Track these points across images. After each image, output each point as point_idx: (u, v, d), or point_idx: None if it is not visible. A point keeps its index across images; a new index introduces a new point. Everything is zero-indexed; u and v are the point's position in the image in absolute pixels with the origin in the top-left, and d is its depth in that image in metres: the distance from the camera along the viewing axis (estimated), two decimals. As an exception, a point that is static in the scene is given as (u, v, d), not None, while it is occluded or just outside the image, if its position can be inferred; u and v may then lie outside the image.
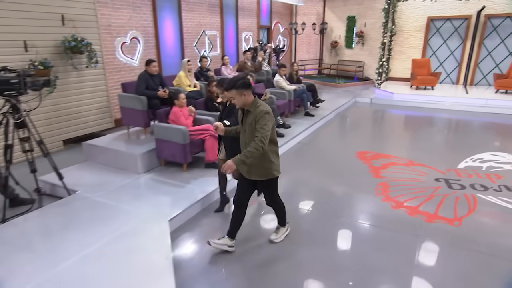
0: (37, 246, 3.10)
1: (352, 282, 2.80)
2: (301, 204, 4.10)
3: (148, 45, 7.78)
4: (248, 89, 2.75)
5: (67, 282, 2.60)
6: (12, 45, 5.04)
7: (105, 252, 2.94)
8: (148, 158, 4.61)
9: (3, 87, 3.40)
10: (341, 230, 3.60)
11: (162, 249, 2.99)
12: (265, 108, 2.77)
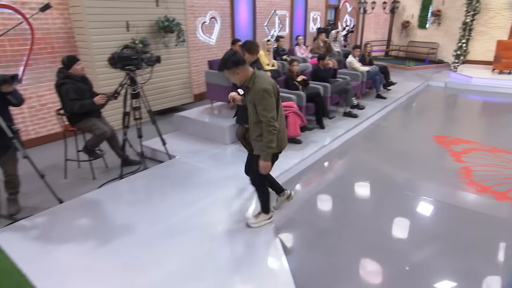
0: (147, 201, 3.65)
1: (450, 261, 2.95)
2: (381, 183, 4.25)
3: (224, 25, 8.17)
4: (240, 65, 2.58)
5: (174, 233, 3.08)
6: (116, 25, 5.68)
7: (205, 211, 3.40)
8: (233, 130, 5.02)
9: (125, 63, 3.94)
10: (424, 208, 3.71)
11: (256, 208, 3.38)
12: (262, 85, 2.55)
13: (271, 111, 2.56)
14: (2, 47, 4.84)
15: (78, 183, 4.21)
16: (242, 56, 2.69)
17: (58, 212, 3.38)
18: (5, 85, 3.02)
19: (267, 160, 2.69)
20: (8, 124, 3.14)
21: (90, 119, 4.07)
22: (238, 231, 3.08)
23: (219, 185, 3.88)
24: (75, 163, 4.51)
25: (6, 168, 3.38)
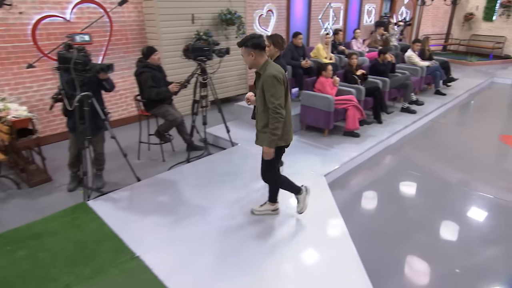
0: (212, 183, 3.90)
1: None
2: (439, 181, 4.18)
3: (279, 18, 8.27)
4: (258, 49, 2.58)
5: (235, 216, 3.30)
6: (183, 18, 6.01)
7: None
8: (293, 121, 5.15)
9: (198, 53, 4.22)
10: (487, 209, 3.62)
11: (324, 196, 3.50)
12: (273, 72, 2.55)
13: (278, 98, 2.56)
14: (85, 38, 5.35)
15: (149, 164, 4.60)
16: (264, 42, 2.65)
17: (138, 188, 3.75)
18: (102, 73, 3.39)
19: (271, 146, 2.68)
20: (101, 107, 3.54)
21: (164, 106, 4.41)
22: (298, 219, 3.24)
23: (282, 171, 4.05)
24: (146, 145, 4.91)
25: (96, 146, 3.81)
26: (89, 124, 3.43)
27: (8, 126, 3.75)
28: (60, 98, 3.50)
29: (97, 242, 2.82)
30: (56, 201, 3.71)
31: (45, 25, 4.94)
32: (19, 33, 4.76)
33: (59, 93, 3.47)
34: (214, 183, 3.85)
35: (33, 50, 4.92)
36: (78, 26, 5.23)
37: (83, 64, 3.29)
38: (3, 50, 4.69)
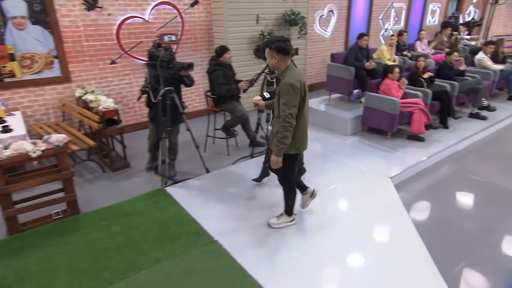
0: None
1: None
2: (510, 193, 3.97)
3: (340, 18, 8.23)
4: (281, 53, 2.52)
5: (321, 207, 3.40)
6: (248, 18, 6.24)
7: (342, 192, 3.66)
8: (354, 122, 5.18)
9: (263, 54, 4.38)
10: None
11: (391, 199, 3.51)
12: (290, 80, 2.47)
13: (291, 108, 2.48)
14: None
15: (214, 157, 4.87)
16: (290, 47, 2.57)
17: (208, 178, 4.02)
18: (183, 70, 3.69)
19: (279, 155, 2.61)
20: (180, 101, 3.84)
21: (232, 102, 4.65)
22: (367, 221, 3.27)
23: (345, 171, 4.11)
24: (211, 139, 5.20)
25: (171, 137, 4.13)
26: (169, 117, 3.74)
27: (98, 115, 4.20)
28: (146, 91, 3.86)
29: (178, 224, 3.10)
30: (135, 185, 4.10)
31: (128, 25, 5.42)
32: (106, 33, 5.27)
33: (146, 86, 3.83)
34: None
35: (116, 48, 5.42)
36: (154, 26, 5.67)
37: (168, 61, 3.60)
38: (92, 48, 5.23)
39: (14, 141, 3.03)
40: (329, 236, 2.98)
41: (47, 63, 4.90)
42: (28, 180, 3.10)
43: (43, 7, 4.67)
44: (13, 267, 2.60)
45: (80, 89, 5.00)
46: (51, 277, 2.50)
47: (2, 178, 2.92)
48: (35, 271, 2.56)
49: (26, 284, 2.44)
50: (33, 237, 2.95)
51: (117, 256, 2.71)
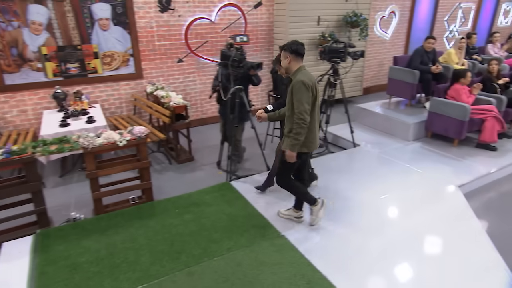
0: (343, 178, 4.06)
1: None
2: None
3: (401, 19, 7.98)
4: (294, 54, 2.68)
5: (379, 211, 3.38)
6: (309, 20, 6.29)
7: (405, 197, 3.60)
8: (417, 128, 5.03)
9: (333, 55, 4.42)
10: None
11: (463, 209, 3.39)
12: (303, 78, 2.61)
13: (303, 104, 2.59)
14: (224, 37, 6.02)
15: (273, 155, 4.98)
16: (303, 49, 2.73)
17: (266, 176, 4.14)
18: (252, 70, 3.85)
19: (293, 150, 2.71)
20: (247, 100, 4.01)
21: (294, 103, 4.73)
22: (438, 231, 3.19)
23: (408, 176, 4.02)
24: (269, 137, 5.33)
25: (236, 134, 4.31)
26: (236, 114, 3.92)
27: (169, 110, 4.51)
28: (218, 89, 4.08)
29: (245, 217, 3.25)
30: (199, 178, 4.35)
31: (195, 25, 5.72)
32: (176, 33, 5.62)
33: (217, 84, 4.05)
34: (340, 179, 4.02)
35: (183, 47, 5.76)
36: (219, 27, 5.93)
37: (239, 61, 3.78)
38: (163, 47, 5.60)
39: (104, 131, 3.37)
40: (396, 240, 2.96)
41: (124, 60, 5.34)
42: (114, 167, 3.43)
43: (124, 10, 5.10)
44: (103, 242, 2.91)
45: (151, 85, 5.38)
46: (136, 255, 2.76)
47: (93, 163, 3.27)
48: (122, 248, 2.84)
49: (116, 259, 2.72)
50: (117, 218, 3.26)
51: (191, 241, 2.92)
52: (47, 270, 2.60)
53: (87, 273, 2.58)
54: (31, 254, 2.79)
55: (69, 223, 3.24)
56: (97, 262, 2.69)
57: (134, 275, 2.56)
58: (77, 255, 2.77)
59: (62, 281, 2.50)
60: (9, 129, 4.86)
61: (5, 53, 4.55)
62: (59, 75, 4.96)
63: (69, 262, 2.69)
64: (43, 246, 2.87)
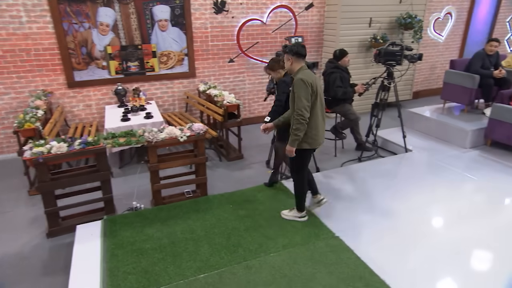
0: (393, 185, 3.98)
1: None
2: None
3: (458, 21, 7.63)
4: (295, 56, 2.86)
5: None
6: (361, 21, 6.20)
7: (460, 207, 3.46)
8: (476, 135, 4.81)
9: (388, 58, 4.35)
10: None
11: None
12: (303, 76, 2.77)
13: (302, 101, 2.74)
14: (274, 39, 6.12)
15: (321, 157, 4.99)
16: (304, 50, 2.90)
17: (319, 177, 4.16)
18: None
19: (292, 146, 2.88)
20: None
21: (346, 105, 4.72)
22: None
23: (465, 185, 3.86)
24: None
25: None
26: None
27: (222, 109, 4.66)
28: (272, 91, 4.17)
29: (298, 216, 3.30)
30: (249, 176, 4.46)
31: (247, 27, 5.86)
32: (228, 34, 5.79)
33: (272, 87, 4.14)
34: (390, 184, 3.95)
35: (235, 48, 5.91)
36: (270, 28, 6.02)
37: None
38: (215, 47, 5.79)
39: (166, 126, 3.57)
40: (444, 252, 2.87)
41: (179, 60, 5.59)
42: (174, 161, 3.63)
43: (182, 11, 5.35)
44: (165, 232, 3.10)
45: (203, 84, 5.59)
46: (195, 245, 2.91)
47: (155, 157, 3.48)
48: (182, 238, 3.01)
49: (177, 248, 2.89)
50: (175, 210, 3.45)
51: (247, 236, 3.02)
52: (117, 253, 2.82)
53: (152, 259, 2.76)
54: (101, 237, 3.03)
55: (132, 212, 3.47)
56: (161, 249, 2.87)
57: (195, 264, 2.70)
58: (142, 241, 2.97)
59: (131, 264, 2.70)
60: (75, 121, 5.28)
61: (76, 52, 4.95)
62: (120, 72, 5.30)
63: (135, 247, 2.89)
64: (111, 231, 3.10)
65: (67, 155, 3.09)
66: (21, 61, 4.74)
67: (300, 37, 4.01)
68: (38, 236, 3.31)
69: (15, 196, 4.05)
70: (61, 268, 2.89)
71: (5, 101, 4.83)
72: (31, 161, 2.95)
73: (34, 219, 3.59)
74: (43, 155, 2.98)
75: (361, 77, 6.22)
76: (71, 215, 3.47)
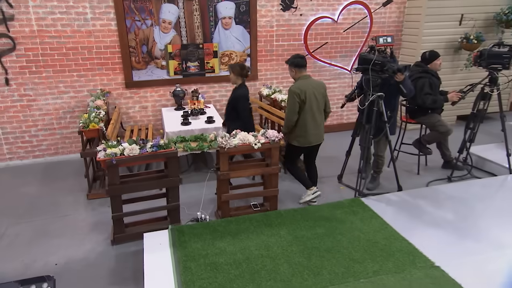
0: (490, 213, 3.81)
1: None
2: None
3: None
4: (297, 67, 3.83)
5: None
6: (449, 18, 6.09)
7: None
8: None
9: (492, 61, 4.22)
10: None
11: None
12: (293, 87, 3.78)
13: (289, 110, 3.80)
14: (346, 39, 6.18)
15: (403, 174, 4.87)
16: (303, 62, 3.84)
17: (404, 196, 4.12)
18: (399, 73, 3.86)
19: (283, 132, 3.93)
20: (388, 111, 4.02)
21: (435, 115, 4.62)
22: None
23: None
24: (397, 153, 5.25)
25: (378, 149, 4.33)
26: (373, 124, 3.98)
27: (291, 115, 4.76)
28: (353, 98, 4.22)
29: (387, 239, 3.28)
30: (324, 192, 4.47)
31: (316, 25, 5.99)
32: (295, 33, 5.95)
33: (353, 93, 4.18)
34: (486, 211, 3.78)
35: (301, 48, 6.06)
36: (341, 27, 6.10)
37: (381, 65, 3.85)
38: (280, 48, 5.98)
39: (239, 132, 3.74)
40: None
41: (241, 61, 5.83)
42: (245, 170, 3.77)
43: (247, 8, 5.60)
44: (237, 246, 3.22)
45: (266, 87, 5.77)
46: (273, 263, 2.99)
47: (227, 164, 3.64)
48: (257, 255, 3.10)
49: (254, 264, 2.98)
50: (245, 223, 3.57)
51: (330, 258, 3.05)
52: (190, 266, 2.97)
53: (229, 275, 2.87)
54: (171, 247, 3.21)
55: (200, 223, 3.64)
56: (236, 265, 2.98)
57: (276, 284, 2.78)
58: (215, 255, 3.11)
59: (206, 279, 2.83)
60: (130, 124, 5.67)
61: (136, 50, 5.35)
62: (179, 73, 5.63)
63: (208, 261, 3.03)
64: (180, 242, 3.28)
65: (138, 157, 3.33)
66: (83, 59, 5.22)
67: (390, 36, 4.01)
68: (102, 242, 3.58)
69: (73, 199, 4.41)
70: (129, 277, 3.10)
71: (64, 100, 5.32)
72: (104, 163, 3.23)
73: (95, 224, 3.88)
74: (116, 157, 3.24)
75: (447, 83, 6.06)
76: (134, 223, 3.71)
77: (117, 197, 3.40)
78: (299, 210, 3.81)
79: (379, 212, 3.71)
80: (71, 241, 3.63)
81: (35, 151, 5.44)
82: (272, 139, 3.69)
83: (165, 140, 3.48)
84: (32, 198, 4.46)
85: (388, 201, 3.98)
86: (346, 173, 4.73)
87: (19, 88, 5.12)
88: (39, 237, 3.68)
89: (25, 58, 5.02)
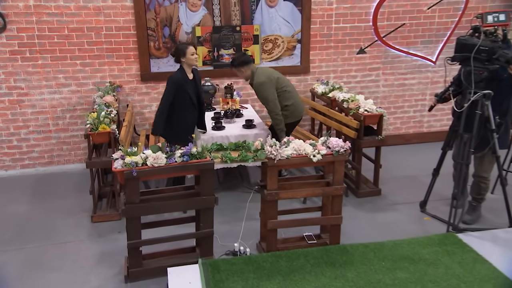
0: None
1: None
2: None
3: None
4: (245, 66, 4.69)
5: None
6: None
7: None
8: None
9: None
10: None
11: None
12: (259, 79, 4.67)
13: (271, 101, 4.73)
14: (430, 19, 6.11)
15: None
16: (247, 58, 4.86)
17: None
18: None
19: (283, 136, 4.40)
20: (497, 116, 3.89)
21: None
22: None
23: None
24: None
25: (479, 168, 4.21)
26: (475, 134, 3.86)
27: (357, 121, 4.72)
28: (446, 98, 4.13)
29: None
30: (393, 221, 4.43)
31: (390, 1, 5.95)
32: (362, 11, 5.97)
33: (446, 90, 4.10)
34: None
35: (369, 33, 6.06)
36: (424, 3, 6.04)
37: (489, 52, 3.72)
38: (341, 31, 6.00)
39: (292, 139, 3.74)
40: None
41: (289, 48, 5.90)
42: (298, 189, 3.76)
43: (300, -21, 5.67)
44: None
45: (322, 83, 5.77)
46: (342, 316, 2.95)
47: (276, 181, 3.64)
48: (319, 303, 3.07)
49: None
50: (299, 260, 3.55)
51: (419, 312, 2.97)
52: (231, 314, 2.97)
53: (282, 328, 2.85)
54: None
55: (239, 257, 3.65)
56: (291, 315, 2.96)
57: None
58: (262, 300, 3.10)
59: (253, 332, 2.82)
60: (145, 127, 5.79)
61: (157, 33, 5.51)
62: (210, 63, 5.74)
63: (254, 308, 3.02)
64: (216, 281, 3.29)
65: (165, 169, 3.39)
66: (88, 43, 5.41)
67: (503, 13, 3.86)
68: (113, 279, 3.63)
69: (73, 222, 4.53)
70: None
71: (63, 95, 5.52)
72: (122, 174, 3.29)
73: (103, 254, 3.96)
74: (137, 167, 3.30)
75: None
76: (152, 254, 3.75)
77: (136, 219, 3.45)
78: (371, 246, 3.75)
79: (484, 254, 3.59)
80: (73, 276, 3.70)
81: (24, 160, 5.65)
82: (336, 150, 3.66)
83: (198, 147, 3.51)
84: (22, 219, 4.60)
85: (495, 238, 3.86)
86: (431, 199, 4.61)
87: (8, 79, 5.36)
88: (31, 270, 3.76)
89: (18, 40, 5.26)
